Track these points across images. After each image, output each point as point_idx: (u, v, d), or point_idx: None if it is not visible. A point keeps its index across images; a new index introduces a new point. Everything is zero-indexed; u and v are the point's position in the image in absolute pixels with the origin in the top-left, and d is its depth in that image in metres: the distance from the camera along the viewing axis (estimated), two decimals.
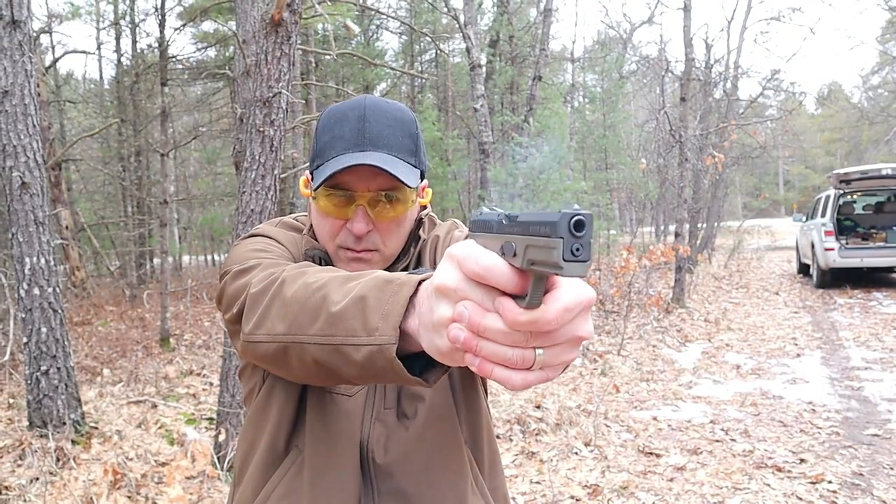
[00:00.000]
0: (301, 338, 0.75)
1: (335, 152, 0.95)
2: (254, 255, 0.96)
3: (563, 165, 11.69)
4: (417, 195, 1.03)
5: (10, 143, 3.95)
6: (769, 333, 7.53)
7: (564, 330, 0.55)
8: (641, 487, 3.41)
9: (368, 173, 0.94)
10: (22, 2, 3.95)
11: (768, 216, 40.23)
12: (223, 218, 14.39)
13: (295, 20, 3.63)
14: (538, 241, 0.50)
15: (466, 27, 10.25)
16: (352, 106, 0.99)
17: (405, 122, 0.99)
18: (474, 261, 0.54)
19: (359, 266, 0.98)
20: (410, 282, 0.67)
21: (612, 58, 19.55)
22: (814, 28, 32.78)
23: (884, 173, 10.58)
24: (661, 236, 19.66)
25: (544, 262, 0.50)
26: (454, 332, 0.56)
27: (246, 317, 0.84)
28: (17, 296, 4.17)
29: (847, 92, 41.72)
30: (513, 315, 0.53)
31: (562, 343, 0.55)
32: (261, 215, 3.74)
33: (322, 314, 0.73)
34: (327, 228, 1.00)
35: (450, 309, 0.57)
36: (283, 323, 0.77)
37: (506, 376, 0.55)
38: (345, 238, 0.98)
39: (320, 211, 0.99)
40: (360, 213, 0.96)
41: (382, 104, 0.99)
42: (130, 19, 13.95)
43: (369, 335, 0.67)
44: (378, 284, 0.70)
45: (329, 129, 0.98)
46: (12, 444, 3.93)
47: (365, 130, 0.95)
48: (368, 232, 0.97)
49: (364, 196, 0.96)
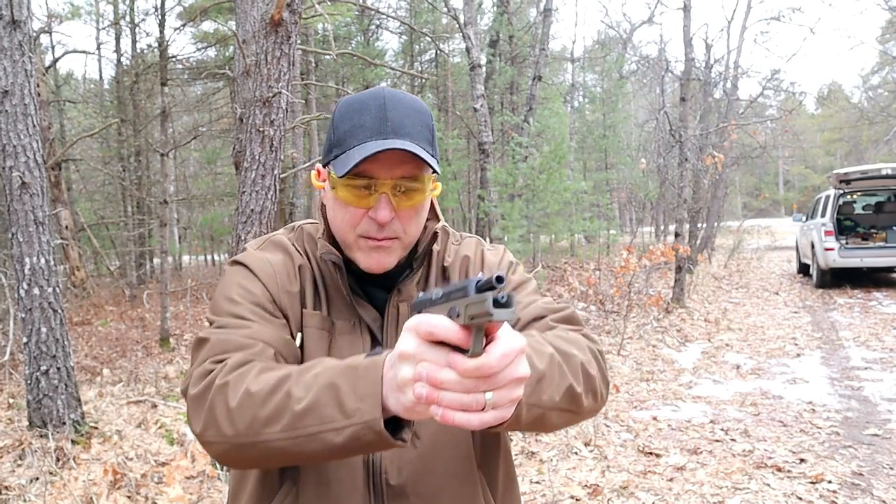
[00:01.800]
0: (263, 437, 0.78)
1: (357, 141, 0.94)
2: (223, 311, 0.96)
3: (563, 165, 11.68)
4: (432, 189, 1.02)
5: (10, 143, 3.95)
6: (769, 333, 7.54)
7: (505, 373, 0.67)
8: (641, 487, 3.41)
9: (392, 161, 0.94)
10: (22, 2, 3.95)
11: (768, 216, 40.24)
12: (223, 218, 14.39)
13: (295, 20, 3.63)
14: (475, 299, 0.64)
15: (466, 27, 10.25)
16: (371, 95, 0.98)
17: (423, 113, 0.99)
18: (426, 323, 0.68)
19: (380, 254, 0.98)
20: (376, 364, 0.75)
21: (612, 58, 19.56)
22: (814, 28, 32.82)
23: (884, 173, 10.58)
24: (660, 236, 19.67)
25: (480, 314, 0.64)
26: (418, 390, 0.67)
27: (191, 416, 0.86)
28: (17, 296, 4.17)
29: (847, 92, 41.74)
30: (462, 364, 0.65)
31: (505, 385, 0.67)
32: (261, 215, 3.74)
33: (286, 414, 0.77)
34: (347, 218, 0.98)
35: (411, 370, 0.69)
36: (234, 427, 0.80)
37: (465, 419, 0.67)
38: (367, 227, 0.97)
39: (340, 200, 0.98)
40: (383, 201, 0.95)
41: (401, 94, 0.99)
42: (130, 19, 13.95)
43: (348, 417, 0.74)
44: (342, 371, 0.77)
45: (348, 119, 0.97)
46: (12, 444, 3.93)
47: (387, 119, 0.94)
48: (391, 220, 0.96)
49: (387, 184, 0.95)
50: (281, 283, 1.00)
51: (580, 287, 9.63)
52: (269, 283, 1.00)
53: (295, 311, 1.00)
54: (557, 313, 1.05)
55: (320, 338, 0.99)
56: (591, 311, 8.83)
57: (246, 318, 0.94)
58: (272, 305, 0.98)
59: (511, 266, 1.13)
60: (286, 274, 1.02)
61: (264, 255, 1.04)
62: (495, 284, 0.63)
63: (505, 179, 11.15)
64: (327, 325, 1.00)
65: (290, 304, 1.00)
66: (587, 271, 12.54)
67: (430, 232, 1.06)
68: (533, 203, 11.06)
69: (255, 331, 0.92)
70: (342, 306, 1.03)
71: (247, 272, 1.01)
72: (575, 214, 14.13)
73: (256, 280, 1.00)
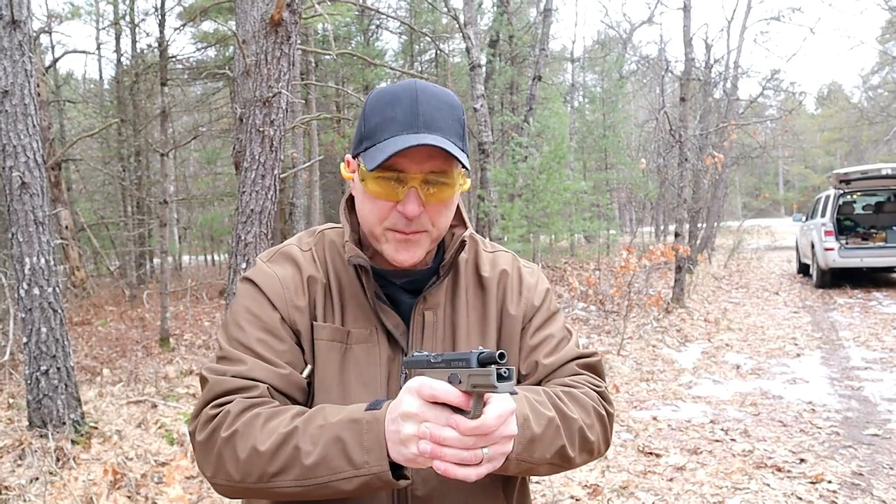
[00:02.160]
0: (275, 485, 0.86)
1: (388, 134, 0.94)
2: (230, 337, 0.99)
3: (563, 165, 11.68)
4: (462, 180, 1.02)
5: (10, 143, 3.95)
6: (769, 333, 7.54)
7: (499, 431, 0.78)
8: (641, 487, 3.41)
9: (422, 155, 0.93)
10: (22, 2, 3.95)
11: (768, 216, 40.25)
12: (223, 218, 14.38)
13: (295, 20, 3.63)
14: (479, 372, 0.75)
15: (466, 27, 10.25)
16: (403, 88, 0.97)
17: (455, 107, 0.98)
18: (429, 387, 0.78)
19: (407, 247, 0.98)
20: (378, 419, 0.83)
21: (612, 58, 19.56)
22: (814, 28, 32.82)
23: (884, 173, 10.58)
24: (660, 236, 19.67)
25: (484, 385, 0.74)
26: (423, 446, 0.77)
27: (200, 462, 0.93)
28: (16, 296, 4.17)
29: (847, 92, 41.74)
30: (465, 424, 0.76)
31: (499, 441, 0.79)
32: (260, 215, 3.74)
33: (296, 466, 0.84)
34: (375, 211, 0.98)
35: (413, 427, 0.78)
36: (245, 477, 0.87)
37: (464, 474, 0.78)
38: (395, 220, 0.97)
39: (369, 193, 0.97)
40: (412, 195, 0.95)
41: (433, 87, 0.98)
42: (130, 19, 13.95)
43: (357, 469, 0.82)
44: (346, 425, 0.84)
45: (380, 111, 0.96)
46: (12, 444, 3.93)
47: (419, 112, 0.94)
48: (419, 214, 0.96)
49: (416, 178, 0.94)
50: (289, 298, 1.01)
51: (580, 287, 9.63)
52: (278, 301, 1.01)
53: (305, 325, 1.01)
54: (585, 359, 1.10)
55: (331, 349, 1.00)
56: (591, 311, 8.83)
57: (250, 348, 0.97)
58: (281, 325, 1.00)
59: (546, 294, 1.14)
60: (294, 288, 1.02)
61: (273, 269, 1.05)
62: (498, 360, 0.74)
63: (505, 179, 11.15)
64: (340, 336, 1.00)
65: (300, 319, 1.01)
66: (587, 271, 12.56)
67: (458, 239, 1.05)
68: (533, 203, 11.05)
69: (251, 367, 0.95)
70: (360, 314, 1.02)
71: (256, 292, 1.02)
72: (575, 214, 14.12)
73: (265, 300, 1.01)
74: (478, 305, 1.09)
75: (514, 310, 1.10)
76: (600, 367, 1.11)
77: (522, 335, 1.09)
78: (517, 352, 1.09)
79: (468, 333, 1.06)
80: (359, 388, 0.98)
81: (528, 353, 1.08)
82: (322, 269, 1.06)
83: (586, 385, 1.05)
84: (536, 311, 1.11)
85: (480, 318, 1.09)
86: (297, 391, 0.97)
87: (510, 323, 1.09)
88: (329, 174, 19.90)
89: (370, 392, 0.98)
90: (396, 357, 1.01)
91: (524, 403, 0.91)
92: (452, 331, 1.06)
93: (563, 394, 0.99)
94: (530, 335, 1.09)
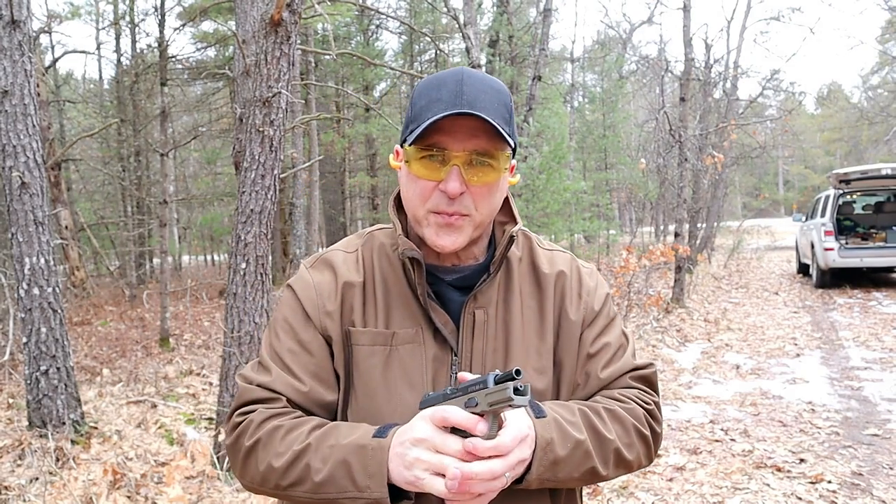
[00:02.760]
0: (292, 493, 0.92)
1: (432, 113, 0.93)
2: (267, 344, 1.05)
3: (563, 165, 11.69)
4: (508, 170, 1.00)
5: (10, 143, 3.95)
6: (769, 333, 7.54)
7: (515, 453, 0.83)
8: (641, 487, 3.41)
9: (465, 133, 0.93)
10: (22, 2, 3.95)
11: (768, 216, 40.25)
12: (223, 218, 14.39)
13: (295, 20, 3.62)
14: (496, 389, 0.78)
15: (466, 27, 10.25)
16: (450, 73, 0.97)
17: (502, 93, 0.98)
18: (441, 412, 0.83)
19: (449, 232, 0.96)
20: (382, 447, 0.87)
21: (611, 58, 19.57)
22: (814, 28, 32.82)
23: (884, 173, 10.58)
24: (660, 236, 19.65)
25: (501, 401, 0.77)
26: (450, 484, 0.80)
27: (231, 462, 1.01)
28: (16, 296, 4.17)
29: (847, 92, 41.74)
30: (482, 446, 0.80)
31: (514, 466, 0.84)
32: (260, 215, 3.74)
33: (308, 481, 0.90)
34: (418, 192, 0.97)
35: (424, 453, 0.83)
36: (265, 484, 0.94)
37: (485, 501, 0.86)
38: (437, 201, 0.96)
39: (412, 173, 0.97)
40: (454, 173, 0.94)
41: (481, 74, 0.98)
42: (130, 19, 13.94)
43: (360, 492, 0.87)
44: (353, 450, 0.88)
45: (426, 95, 0.96)
46: (12, 444, 3.93)
47: (463, 93, 0.93)
48: (461, 194, 0.95)
49: (459, 156, 0.94)
50: (321, 305, 1.02)
51: None
52: (311, 309, 1.03)
53: (336, 330, 1.02)
54: (640, 371, 1.07)
55: (373, 354, 0.99)
56: None
57: (280, 357, 1.01)
58: (314, 337, 1.02)
59: (606, 298, 1.11)
60: (328, 294, 1.03)
61: (311, 276, 1.06)
62: (514, 376, 0.76)
63: None
64: (383, 339, 1.00)
65: (331, 325, 1.02)
66: None
67: (508, 235, 1.02)
68: (533, 203, 11.05)
69: (274, 379, 0.99)
70: (406, 313, 1.01)
71: (294, 300, 1.05)
72: (575, 214, 14.12)
73: (300, 309, 1.04)
74: (533, 305, 1.06)
75: (573, 314, 1.07)
76: (654, 379, 1.08)
77: (581, 342, 1.06)
78: (574, 358, 1.06)
79: (524, 335, 1.04)
80: (404, 390, 0.98)
81: (585, 363, 1.05)
82: (366, 270, 1.05)
83: (635, 401, 1.02)
84: (596, 317, 1.08)
85: (537, 318, 1.06)
86: (315, 407, 1.00)
87: (569, 327, 1.06)
88: (329, 174, 19.91)
89: (416, 393, 0.96)
90: (445, 357, 1.00)
91: (551, 427, 0.90)
92: (506, 331, 1.03)
93: (605, 411, 0.98)
94: (589, 343, 1.06)
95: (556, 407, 0.96)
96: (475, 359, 1.01)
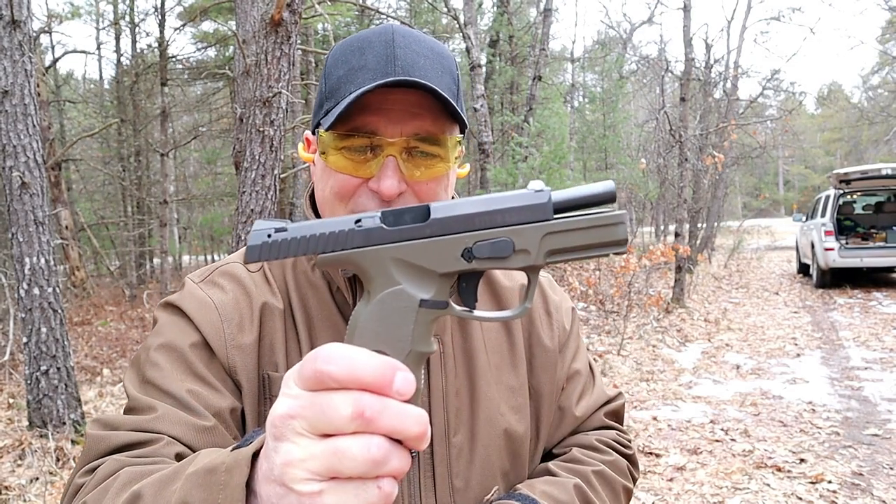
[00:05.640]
0: None
1: (355, 86, 0.70)
2: (142, 379, 0.73)
3: (563, 165, 11.69)
4: (458, 159, 0.77)
5: (10, 143, 3.95)
6: (769, 333, 7.53)
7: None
8: (641, 487, 3.41)
9: (402, 112, 0.70)
10: (22, 2, 3.95)
11: (768, 216, 40.28)
12: (223, 218, 14.40)
13: (295, 20, 3.63)
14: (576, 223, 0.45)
15: (466, 27, 10.25)
16: (375, 32, 0.74)
17: (444, 56, 0.75)
18: (323, 361, 0.43)
19: None
20: (239, 462, 0.50)
21: (612, 58, 19.56)
22: (814, 28, 32.76)
23: (884, 173, 10.59)
24: (660, 236, 19.67)
25: (604, 243, 0.46)
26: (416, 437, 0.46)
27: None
28: (17, 296, 4.17)
29: (847, 92, 41.78)
30: None
31: None
32: (260, 215, 3.74)
33: None
34: (336, 190, 0.73)
35: (296, 449, 0.44)
36: None
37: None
38: (364, 203, 0.72)
39: (330, 167, 0.73)
40: (388, 167, 0.70)
41: (416, 32, 0.75)
42: (130, 19, 13.96)
43: None
44: (199, 481, 0.52)
45: (344, 62, 0.73)
46: (12, 444, 3.93)
47: (396, 56, 0.70)
48: (399, 195, 0.71)
49: (395, 144, 0.70)
50: (228, 334, 0.75)
51: (580, 287, 9.62)
52: (214, 338, 0.75)
53: (247, 372, 0.75)
54: (611, 405, 0.97)
55: None
56: (591, 311, 8.83)
57: (168, 392, 0.71)
58: (216, 370, 0.74)
59: (573, 314, 0.97)
60: (237, 320, 0.76)
61: (207, 293, 0.78)
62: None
63: (505, 179, 11.14)
64: None
65: (243, 365, 0.75)
66: (587, 271, 12.54)
67: None
68: None
69: (160, 416, 0.69)
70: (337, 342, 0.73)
71: (183, 324, 0.75)
72: None
73: (195, 335, 0.75)
74: (497, 328, 0.87)
75: (547, 339, 0.90)
76: (623, 412, 0.99)
77: (556, 369, 0.91)
78: (551, 386, 0.90)
79: (490, 367, 0.85)
80: None
81: (558, 395, 0.92)
82: (280, 292, 0.80)
83: (616, 448, 0.92)
84: (568, 338, 0.94)
85: (504, 345, 0.87)
86: None
87: (543, 354, 0.90)
88: None
89: None
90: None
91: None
92: (468, 364, 0.84)
93: (595, 475, 0.85)
94: (565, 370, 0.92)
95: (549, 489, 0.80)
96: (434, 402, 0.79)
